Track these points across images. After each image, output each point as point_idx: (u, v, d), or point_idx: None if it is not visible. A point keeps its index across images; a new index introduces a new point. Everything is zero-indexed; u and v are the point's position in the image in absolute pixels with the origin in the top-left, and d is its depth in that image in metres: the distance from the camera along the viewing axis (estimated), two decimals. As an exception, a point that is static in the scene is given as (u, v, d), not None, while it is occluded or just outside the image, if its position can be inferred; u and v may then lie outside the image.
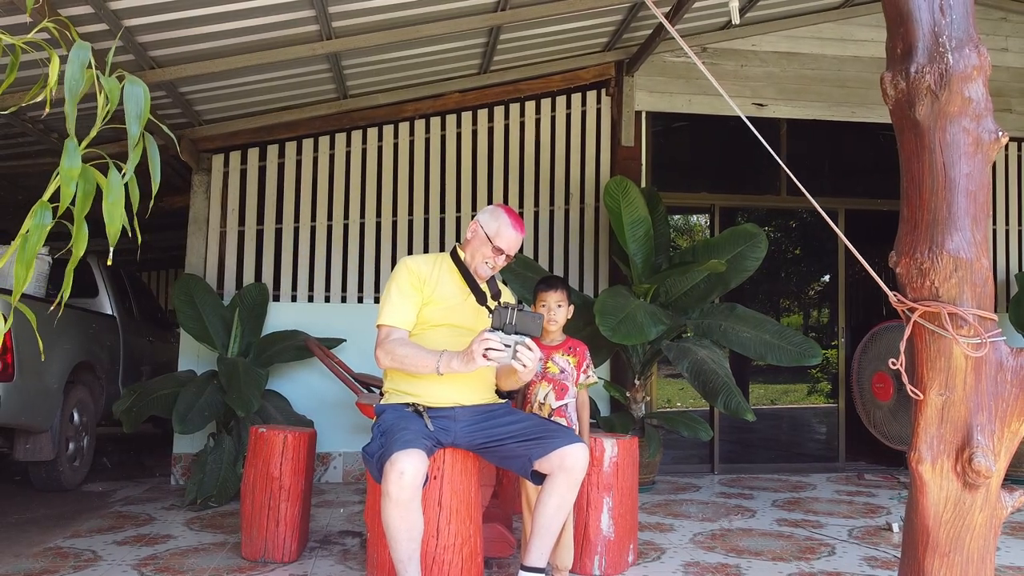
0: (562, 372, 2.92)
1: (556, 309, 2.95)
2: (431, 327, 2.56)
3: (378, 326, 2.56)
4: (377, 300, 5.24)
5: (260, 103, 5.07)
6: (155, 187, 1.44)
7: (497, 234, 2.60)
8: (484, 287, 2.67)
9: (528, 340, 2.26)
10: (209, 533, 3.68)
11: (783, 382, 9.84)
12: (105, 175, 1.42)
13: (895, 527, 3.79)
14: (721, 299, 5.21)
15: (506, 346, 2.23)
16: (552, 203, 5.57)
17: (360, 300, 5.34)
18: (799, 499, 4.67)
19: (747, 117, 5.45)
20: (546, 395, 2.91)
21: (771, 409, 9.42)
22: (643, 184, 5.48)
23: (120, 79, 1.43)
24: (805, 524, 3.99)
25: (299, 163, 5.39)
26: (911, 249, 1.83)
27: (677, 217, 9.54)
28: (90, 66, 1.38)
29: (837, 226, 6.00)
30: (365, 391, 4.34)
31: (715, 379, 4.23)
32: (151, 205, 2.01)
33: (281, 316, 5.19)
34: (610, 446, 3.09)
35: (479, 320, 2.57)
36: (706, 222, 7.81)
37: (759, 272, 4.87)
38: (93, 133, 1.42)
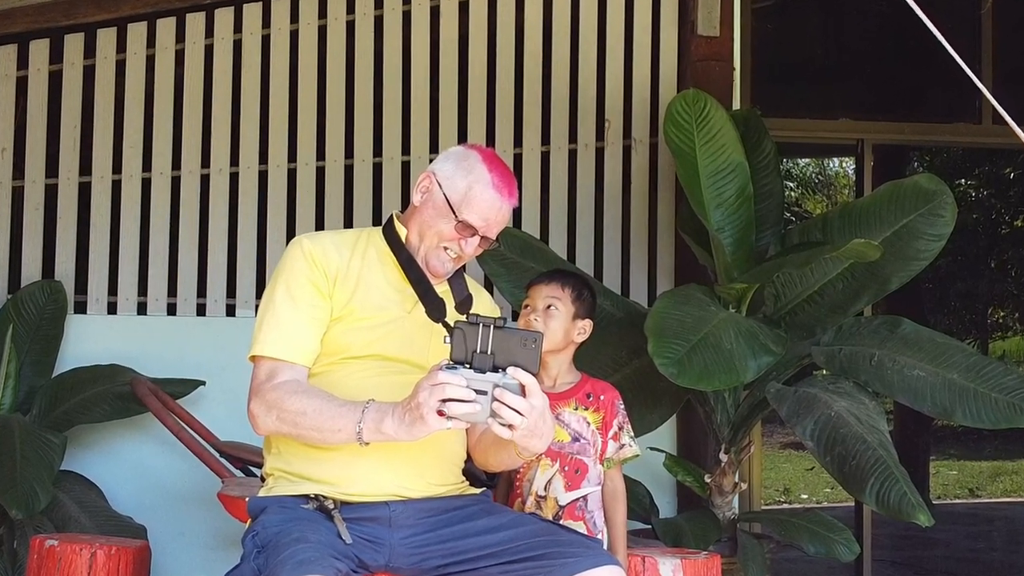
0: (575, 440, 2.97)
1: (541, 312, 3.01)
2: (346, 360, 2.59)
3: (252, 359, 2.59)
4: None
5: (51, -40, 5.11)
6: None
7: (467, 199, 2.63)
8: (443, 290, 2.70)
9: (521, 378, 2.26)
10: None
11: (989, 457, 9.87)
12: None
13: None
14: (875, 309, 5.23)
15: (478, 392, 2.24)
16: (573, 139, 5.59)
17: (231, 311, 5.38)
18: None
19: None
20: (548, 482, 2.95)
21: (969, 506, 9.45)
22: (735, 104, 5.52)
23: None
24: None
25: (121, 66, 5.42)
26: None
27: (803, 164, 9.60)
28: None
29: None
30: (237, 473, 4.37)
31: (862, 452, 4.26)
32: None
33: (89, 339, 5.22)
34: (669, 569, 3.13)
35: (433, 347, 2.60)
36: (851, 171, 7.86)
37: (944, 261, 4.92)
38: None
